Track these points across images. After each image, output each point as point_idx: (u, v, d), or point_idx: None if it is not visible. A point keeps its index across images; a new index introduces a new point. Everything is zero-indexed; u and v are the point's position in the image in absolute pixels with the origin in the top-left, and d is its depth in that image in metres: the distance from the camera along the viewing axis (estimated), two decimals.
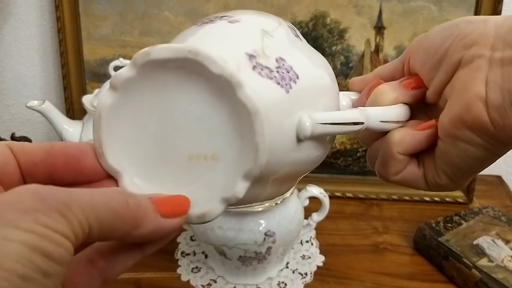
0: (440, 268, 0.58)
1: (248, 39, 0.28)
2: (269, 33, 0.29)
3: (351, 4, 0.66)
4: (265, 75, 0.26)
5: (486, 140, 0.28)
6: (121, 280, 0.57)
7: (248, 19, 0.29)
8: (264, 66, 0.27)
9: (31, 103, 0.59)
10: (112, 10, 0.70)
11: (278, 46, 0.28)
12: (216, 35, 0.28)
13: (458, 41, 0.29)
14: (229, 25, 0.29)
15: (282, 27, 0.30)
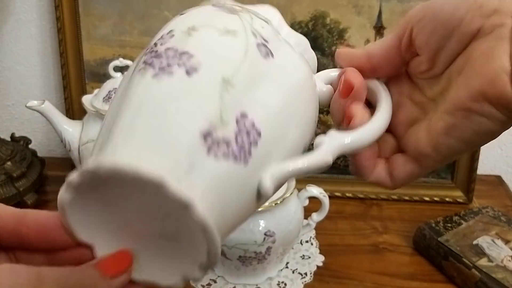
0: (440, 268, 0.58)
1: (204, 105, 0.25)
2: (230, 82, 0.26)
3: (351, 4, 0.66)
4: (221, 155, 0.25)
5: (506, 114, 0.26)
6: None
7: (209, 60, 0.26)
8: (221, 140, 0.25)
9: (31, 103, 0.59)
10: (111, 10, 0.70)
11: (240, 96, 0.26)
12: (166, 115, 0.25)
13: (475, 9, 0.26)
14: (185, 84, 0.26)
15: (248, 55, 0.27)
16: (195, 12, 0.29)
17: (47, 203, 0.73)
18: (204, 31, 0.27)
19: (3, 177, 0.69)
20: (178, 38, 0.27)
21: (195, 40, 0.27)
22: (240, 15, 0.28)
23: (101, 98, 0.58)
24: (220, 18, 0.28)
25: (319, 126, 0.71)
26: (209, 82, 0.26)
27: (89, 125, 0.59)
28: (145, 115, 0.25)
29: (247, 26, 0.28)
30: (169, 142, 0.24)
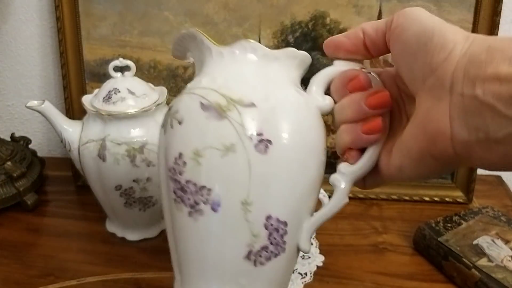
0: (440, 268, 0.58)
1: (236, 234, 0.30)
2: (248, 202, 0.30)
3: (351, 4, 0.66)
4: (264, 260, 0.31)
5: (449, 164, 0.28)
6: (121, 280, 0.57)
7: (225, 190, 0.30)
8: (260, 250, 0.31)
9: (31, 103, 0.59)
10: (111, 10, 0.70)
11: (260, 207, 0.30)
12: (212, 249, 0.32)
13: (428, 59, 0.28)
14: (215, 220, 0.30)
15: (252, 166, 0.30)
16: (189, 121, 0.32)
17: (47, 203, 0.73)
18: (208, 156, 0.30)
19: (3, 177, 0.69)
20: (191, 168, 0.31)
21: (206, 170, 0.30)
22: (230, 118, 0.30)
23: (101, 98, 0.58)
24: (215, 133, 0.30)
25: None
26: (233, 212, 0.30)
27: (89, 125, 0.59)
28: (196, 257, 0.32)
29: (240, 131, 0.30)
30: (221, 273, 0.31)
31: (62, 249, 0.63)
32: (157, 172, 0.58)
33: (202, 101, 0.31)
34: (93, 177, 0.59)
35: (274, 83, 0.33)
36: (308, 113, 0.33)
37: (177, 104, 0.33)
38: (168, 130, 0.33)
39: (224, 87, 0.32)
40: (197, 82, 0.33)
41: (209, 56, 0.35)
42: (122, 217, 0.63)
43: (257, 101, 0.31)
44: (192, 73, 0.72)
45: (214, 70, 0.34)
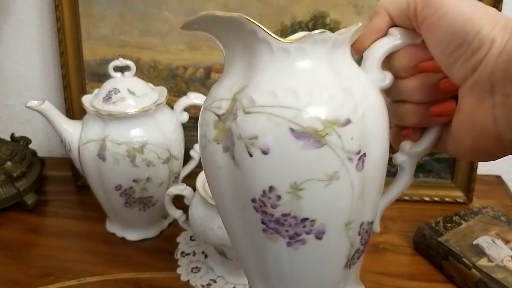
0: (440, 268, 0.58)
1: (340, 252, 0.31)
2: (350, 221, 0.30)
3: (351, 4, 0.66)
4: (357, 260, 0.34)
5: (502, 155, 0.28)
6: (121, 280, 0.57)
7: (330, 218, 0.29)
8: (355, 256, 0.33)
9: (31, 103, 0.59)
10: (111, 10, 0.70)
11: (357, 221, 0.31)
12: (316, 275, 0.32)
13: (466, 61, 0.27)
14: (320, 247, 0.30)
15: (354, 187, 0.29)
16: (279, 151, 0.27)
17: (47, 203, 0.73)
18: (310, 188, 0.27)
19: (3, 177, 0.69)
20: (288, 202, 0.28)
21: (308, 203, 0.28)
22: (330, 144, 0.27)
23: (101, 98, 0.58)
24: (315, 163, 0.27)
25: None
26: (337, 235, 0.29)
27: (89, 125, 0.59)
28: (294, 280, 0.31)
29: (342, 155, 0.27)
30: (321, 286, 0.32)
31: (62, 249, 0.63)
32: (157, 172, 0.59)
33: (292, 126, 0.27)
34: (93, 177, 0.59)
35: (350, 80, 0.29)
36: (378, 102, 0.30)
37: (252, 127, 0.27)
38: (244, 158, 0.28)
39: (312, 104, 0.27)
40: (269, 95, 0.27)
41: (266, 53, 0.29)
42: (122, 217, 0.63)
43: (350, 115, 0.27)
44: (192, 73, 0.72)
45: (282, 76, 0.28)
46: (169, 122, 0.60)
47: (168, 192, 0.57)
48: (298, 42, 0.28)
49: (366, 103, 0.29)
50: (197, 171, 0.58)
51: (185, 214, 0.58)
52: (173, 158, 0.60)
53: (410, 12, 0.29)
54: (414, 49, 0.30)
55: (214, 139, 0.29)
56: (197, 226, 0.54)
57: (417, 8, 0.28)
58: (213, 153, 0.30)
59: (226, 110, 0.29)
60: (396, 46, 0.30)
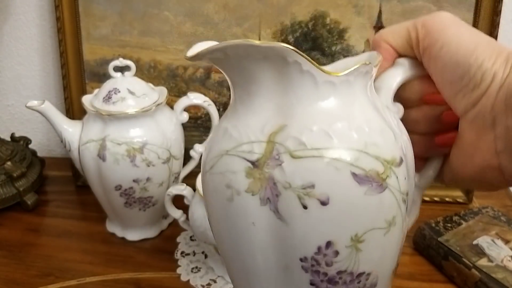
0: (440, 268, 0.58)
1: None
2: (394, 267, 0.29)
3: (351, 4, 0.66)
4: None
5: (504, 187, 0.28)
6: (121, 280, 0.57)
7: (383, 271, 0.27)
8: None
9: (31, 103, 0.59)
10: (111, 10, 0.70)
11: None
12: None
13: (468, 94, 0.26)
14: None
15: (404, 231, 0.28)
16: (340, 201, 0.24)
17: (47, 203, 0.73)
18: (370, 238, 0.25)
19: (3, 177, 0.69)
20: (346, 257, 0.25)
21: (367, 255, 0.25)
22: (390, 187, 0.24)
23: (101, 98, 0.58)
24: (377, 210, 0.24)
25: None
26: (385, 286, 0.27)
27: (89, 125, 0.59)
28: None
29: (399, 198, 0.25)
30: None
31: (62, 249, 0.63)
32: (157, 172, 0.59)
33: (354, 171, 0.24)
34: (93, 177, 0.59)
35: (386, 113, 0.27)
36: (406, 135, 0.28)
37: (307, 174, 0.24)
38: (294, 211, 0.24)
39: (369, 144, 0.24)
40: (322, 136, 0.24)
41: (310, 86, 0.25)
42: (122, 217, 0.63)
43: (402, 153, 0.26)
44: (192, 73, 0.72)
45: (330, 112, 0.25)
46: (169, 122, 0.60)
47: (168, 192, 0.57)
48: (345, 75, 0.25)
49: (404, 138, 0.27)
50: (197, 171, 0.58)
51: (185, 214, 0.58)
52: (173, 158, 0.60)
53: (412, 41, 0.29)
54: (420, 81, 0.30)
55: (247, 189, 0.25)
56: (197, 226, 0.53)
57: (419, 36, 0.28)
58: (245, 206, 0.25)
59: (262, 155, 0.25)
60: (407, 78, 0.29)
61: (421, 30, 0.28)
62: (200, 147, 0.66)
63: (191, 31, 0.70)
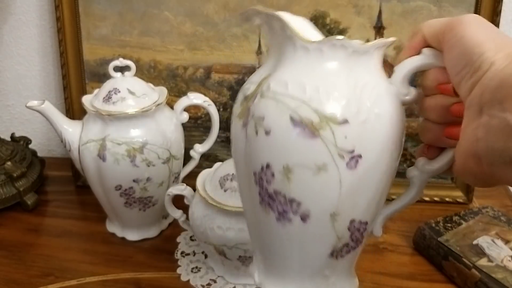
0: (440, 268, 0.58)
1: (324, 239, 0.33)
2: (336, 213, 0.32)
3: (351, 4, 0.66)
4: (345, 253, 0.35)
5: (486, 182, 0.29)
6: (121, 280, 0.57)
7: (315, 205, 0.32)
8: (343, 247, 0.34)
9: (31, 103, 0.59)
10: (111, 10, 0.70)
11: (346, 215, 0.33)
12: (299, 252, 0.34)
13: (468, 80, 0.28)
14: (304, 229, 0.32)
15: (343, 182, 0.31)
16: (277, 134, 0.30)
17: (47, 203, 0.73)
18: (299, 173, 0.30)
19: (3, 177, 0.69)
20: (280, 181, 0.31)
21: (296, 186, 0.30)
22: (323, 138, 0.29)
23: (101, 98, 0.58)
24: (306, 152, 0.30)
25: None
26: (322, 223, 0.32)
27: (89, 125, 0.59)
28: (282, 254, 0.34)
29: (333, 151, 0.29)
30: (306, 267, 0.34)
31: (62, 249, 0.63)
32: (157, 172, 0.59)
33: (292, 115, 0.30)
34: (93, 177, 0.59)
35: (363, 87, 0.31)
36: (392, 112, 0.32)
37: (263, 109, 0.31)
38: (252, 135, 0.32)
39: (315, 99, 0.29)
40: (283, 85, 0.31)
41: (291, 48, 0.31)
42: (122, 217, 0.63)
43: (349, 117, 0.29)
44: (192, 73, 0.72)
45: (299, 71, 0.31)
46: (169, 122, 0.60)
47: (168, 192, 0.57)
48: (317, 43, 0.31)
49: (374, 111, 0.30)
50: (197, 171, 0.58)
51: (185, 214, 0.58)
52: (173, 158, 0.60)
53: (440, 35, 0.30)
54: (439, 71, 0.31)
55: (238, 115, 0.34)
56: (197, 226, 0.54)
57: (445, 30, 0.30)
58: (236, 127, 0.34)
59: (251, 92, 0.33)
60: (425, 65, 0.32)
61: (448, 26, 0.30)
62: (200, 147, 0.66)
63: (191, 31, 0.70)
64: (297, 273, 0.35)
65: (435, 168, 0.33)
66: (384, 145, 0.31)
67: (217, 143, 0.68)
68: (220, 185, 0.52)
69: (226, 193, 0.52)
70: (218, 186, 0.53)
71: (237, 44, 0.69)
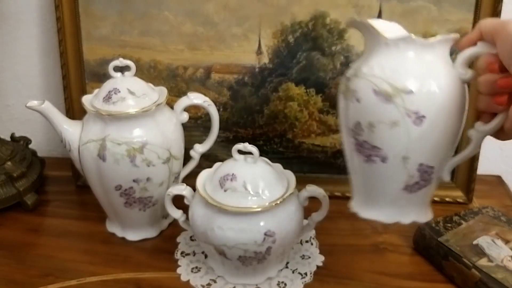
0: (440, 268, 0.58)
1: (398, 176, 0.46)
2: (407, 156, 0.44)
3: (351, 4, 0.66)
4: (416, 189, 0.46)
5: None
6: (121, 280, 0.57)
7: (391, 151, 0.45)
8: (414, 183, 0.46)
9: (31, 103, 0.59)
10: (111, 10, 0.70)
11: (415, 160, 0.44)
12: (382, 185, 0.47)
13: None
14: (384, 167, 0.45)
15: (410, 135, 0.43)
16: (365, 101, 0.43)
17: (47, 203, 0.73)
18: (379, 127, 0.42)
19: (3, 177, 0.69)
20: (366, 134, 0.44)
21: (377, 137, 0.43)
22: (395, 103, 0.41)
23: (101, 98, 0.58)
24: (384, 112, 0.42)
25: (319, 126, 0.71)
26: (396, 163, 0.44)
27: (89, 125, 0.59)
28: (369, 186, 0.47)
29: (402, 112, 0.41)
30: (386, 197, 0.47)
31: (62, 249, 0.63)
32: (157, 172, 0.59)
33: (374, 88, 0.42)
34: (93, 177, 0.59)
35: (428, 69, 0.42)
36: (452, 87, 0.43)
37: (356, 85, 0.44)
38: (349, 102, 0.44)
39: (391, 77, 0.42)
40: (370, 68, 0.43)
41: (377, 43, 0.43)
42: (122, 217, 0.63)
43: (415, 88, 0.41)
44: (192, 73, 0.72)
45: (382, 59, 0.43)
46: (169, 122, 0.60)
47: (168, 192, 0.57)
48: (395, 40, 0.42)
49: (436, 85, 0.42)
50: (197, 171, 0.58)
51: (185, 214, 0.58)
52: (173, 158, 0.60)
53: (493, 30, 0.41)
54: (489, 56, 0.42)
55: (342, 91, 0.46)
56: (197, 226, 0.54)
57: (498, 28, 0.40)
58: (340, 100, 0.46)
59: (350, 75, 0.45)
60: (479, 53, 0.42)
61: (500, 25, 0.40)
62: (200, 147, 0.66)
63: (191, 31, 0.70)
64: (380, 201, 0.47)
65: (488, 129, 0.43)
66: (445, 110, 0.42)
67: (217, 143, 0.68)
68: (220, 185, 0.52)
69: (226, 193, 0.52)
70: (218, 186, 0.53)
71: (237, 44, 0.69)
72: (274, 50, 0.69)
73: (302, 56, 0.69)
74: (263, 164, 0.54)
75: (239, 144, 0.53)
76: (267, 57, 0.70)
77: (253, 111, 0.72)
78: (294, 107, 0.71)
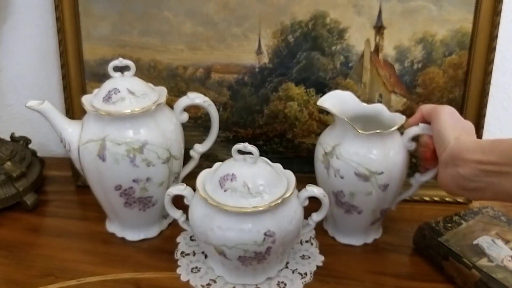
0: (440, 268, 0.58)
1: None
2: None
3: (351, 4, 0.66)
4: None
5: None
6: (121, 280, 0.57)
7: None
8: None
9: (31, 103, 0.59)
10: (111, 10, 0.70)
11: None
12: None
13: (439, 149, 0.54)
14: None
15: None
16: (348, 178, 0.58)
17: (47, 203, 0.73)
18: (359, 194, 0.59)
19: (3, 177, 0.69)
20: (348, 197, 0.59)
21: (356, 200, 0.59)
22: (371, 180, 0.57)
23: (101, 98, 0.58)
24: (363, 186, 0.58)
25: (319, 126, 0.71)
26: (368, 214, 0.61)
27: (89, 125, 0.59)
28: (345, 225, 0.64)
29: (375, 185, 0.57)
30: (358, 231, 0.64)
31: (62, 249, 0.63)
32: (157, 172, 0.59)
33: (355, 171, 0.56)
34: (93, 177, 0.59)
35: (390, 150, 0.57)
36: (403, 155, 0.58)
37: (339, 165, 0.58)
38: (331, 173, 0.60)
39: (366, 163, 0.57)
40: (348, 153, 0.57)
41: (349, 131, 0.57)
42: (122, 217, 0.63)
43: (384, 169, 0.57)
44: (192, 73, 0.72)
45: (356, 146, 0.57)
46: (169, 122, 0.60)
47: (168, 192, 0.57)
48: (366, 135, 0.56)
49: (395, 160, 0.57)
50: (197, 171, 0.58)
51: (185, 214, 0.58)
52: (173, 158, 0.60)
53: (430, 115, 0.56)
54: (428, 137, 0.56)
55: (321, 161, 0.60)
56: (197, 226, 0.54)
57: (432, 114, 0.55)
58: (319, 166, 0.61)
59: (329, 151, 0.58)
60: (421, 133, 0.57)
61: (434, 110, 0.55)
62: (200, 147, 0.66)
63: (191, 31, 0.70)
64: (352, 232, 0.63)
65: (424, 179, 0.60)
66: (398, 171, 0.58)
67: (217, 143, 0.68)
68: (220, 185, 0.52)
69: (226, 193, 0.52)
70: (218, 186, 0.53)
71: (237, 44, 0.69)
72: (274, 50, 0.69)
73: (302, 56, 0.69)
74: (263, 164, 0.54)
75: (239, 144, 0.53)
76: (267, 57, 0.70)
77: (253, 111, 0.72)
78: (294, 107, 0.71)
